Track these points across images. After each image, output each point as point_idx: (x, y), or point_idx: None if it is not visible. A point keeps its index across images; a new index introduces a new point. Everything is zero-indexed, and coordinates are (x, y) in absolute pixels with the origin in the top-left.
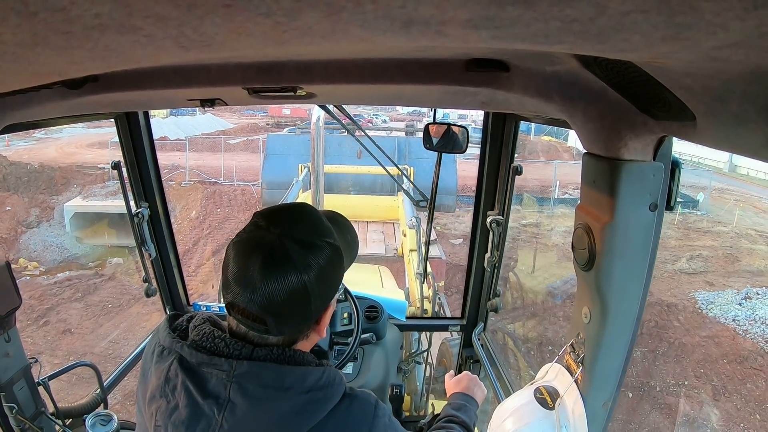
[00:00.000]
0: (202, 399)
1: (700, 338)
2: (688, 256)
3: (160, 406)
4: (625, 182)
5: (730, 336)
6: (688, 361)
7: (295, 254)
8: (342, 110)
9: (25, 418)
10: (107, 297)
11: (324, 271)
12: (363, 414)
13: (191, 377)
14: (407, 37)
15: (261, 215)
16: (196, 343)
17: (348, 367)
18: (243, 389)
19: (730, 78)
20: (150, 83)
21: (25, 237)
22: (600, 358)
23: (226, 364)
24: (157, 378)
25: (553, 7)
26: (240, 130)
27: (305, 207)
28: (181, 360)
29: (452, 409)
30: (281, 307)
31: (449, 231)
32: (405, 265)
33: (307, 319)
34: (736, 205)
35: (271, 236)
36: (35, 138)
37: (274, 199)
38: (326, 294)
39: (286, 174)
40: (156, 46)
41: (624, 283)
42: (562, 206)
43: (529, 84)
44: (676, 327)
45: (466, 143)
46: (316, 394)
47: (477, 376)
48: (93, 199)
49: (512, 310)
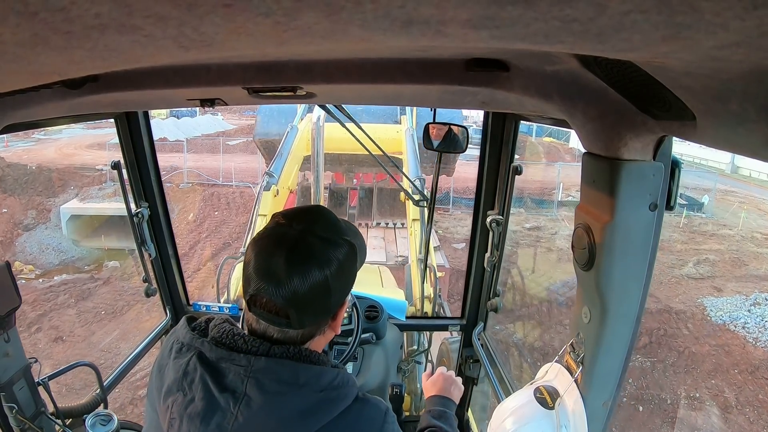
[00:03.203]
0: (219, 393)
1: (710, 347)
2: (695, 260)
3: (177, 399)
4: (625, 182)
5: (740, 344)
6: (699, 372)
7: (317, 249)
8: (342, 110)
9: (25, 417)
10: (101, 303)
11: (343, 266)
12: (373, 419)
13: (210, 372)
14: (407, 37)
15: (281, 215)
16: (216, 339)
17: (348, 367)
18: (260, 384)
19: (730, 78)
20: (150, 83)
21: (22, 239)
22: (600, 357)
23: (245, 359)
24: (175, 372)
25: (553, 7)
26: (240, 131)
27: (322, 209)
28: (200, 355)
29: (432, 418)
30: (304, 300)
31: (451, 235)
32: (408, 238)
33: (326, 313)
34: (741, 207)
35: (294, 232)
36: (34, 139)
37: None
38: (344, 288)
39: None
40: (156, 46)
41: (624, 282)
42: (565, 209)
43: (529, 84)
44: (685, 335)
45: (466, 143)
46: (330, 393)
47: (453, 372)
48: (90, 201)
49: (517, 319)
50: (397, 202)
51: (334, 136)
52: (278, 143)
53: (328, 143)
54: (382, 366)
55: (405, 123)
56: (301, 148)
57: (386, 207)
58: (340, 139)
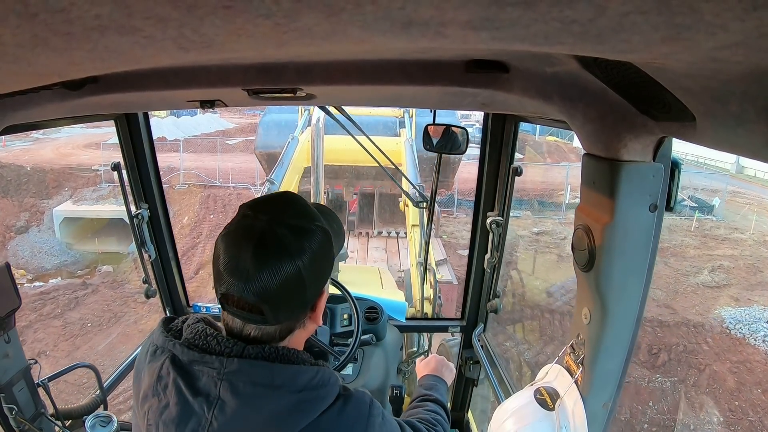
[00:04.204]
0: (193, 397)
1: (731, 364)
2: (710, 267)
3: (152, 404)
4: (625, 183)
5: (762, 360)
6: (721, 392)
7: (287, 239)
8: (342, 111)
9: (24, 419)
10: (87, 314)
11: (316, 255)
12: (358, 414)
13: (182, 375)
14: (407, 38)
15: (247, 206)
16: (188, 341)
17: (348, 368)
18: (233, 387)
19: (730, 78)
20: (150, 84)
21: (14, 243)
22: (600, 358)
23: (217, 361)
24: (149, 377)
25: (552, 8)
26: (240, 130)
27: (291, 194)
28: (173, 358)
29: (424, 389)
30: (277, 294)
31: (456, 240)
32: (408, 242)
33: (303, 306)
34: (750, 209)
35: (261, 223)
36: (33, 138)
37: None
38: (320, 279)
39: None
40: (156, 47)
41: (624, 283)
42: (573, 213)
43: (529, 85)
44: (705, 351)
45: (466, 144)
46: (308, 393)
47: (444, 358)
48: (84, 203)
49: (530, 334)
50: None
51: (335, 147)
52: (279, 156)
53: (328, 154)
54: (382, 367)
55: (404, 135)
56: (301, 159)
57: (388, 214)
58: (340, 150)
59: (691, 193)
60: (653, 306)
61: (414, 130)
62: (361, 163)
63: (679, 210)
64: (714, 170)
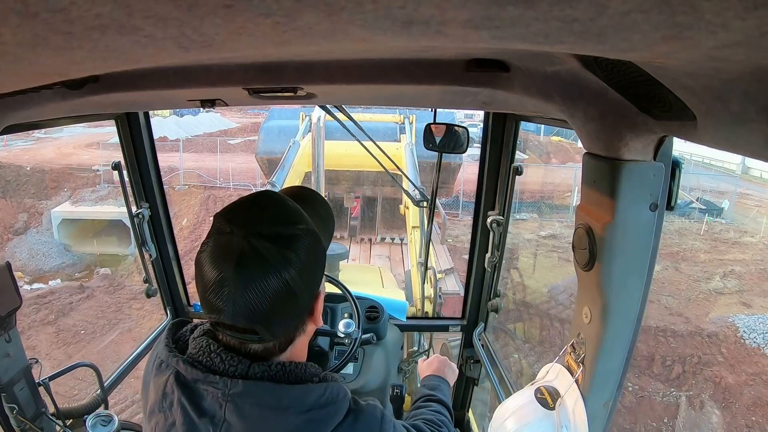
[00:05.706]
0: (198, 418)
1: (747, 376)
2: (721, 272)
3: (159, 421)
4: (625, 182)
5: None
6: (738, 407)
7: (269, 252)
8: (342, 110)
9: (25, 418)
10: (80, 321)
11: (305, 263)
12: (369, 430)
13: (187, 394)
14: (408, 37)
15: (221, 217)
16: (192, 357)
17: (348, 368)
18: (239, 409)
19: (731, 78)
20: (150, 84)
21: (12, 244)
22: (601, 358)
23: (221, 382)
24: (155, 392)
25: (553, 7)
26: (242, 129)
27: (266, 195)
28: (177, 375)
29: (427, 389)
30: (268, 313)
31: (462, 244)
32: (408, 245)
33: (298, 315)
34: (759, 212)
35: (237, 239)
36: (34, 138)
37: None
38: (312, 284)
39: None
40: (156, 47)
41: (624, 283)
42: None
43: (530, 84)
44: (720, 362)
45: (467, 143)
46: (317, 413)
47: (446, 358)
48: (82, 204)
49: (542, 352)
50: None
51: (336, 152)
52: (280, 161)
53: (329, 159)
54: (383, 367)
55: (404, 140)
56: (302, 164)
57: (390, 218)
58: (341, 155)
59: (700, 195)
60: (666, 315)
61: (414, 135)
62: (362, 168)
63: (689, 213)
64: (720, 171)
